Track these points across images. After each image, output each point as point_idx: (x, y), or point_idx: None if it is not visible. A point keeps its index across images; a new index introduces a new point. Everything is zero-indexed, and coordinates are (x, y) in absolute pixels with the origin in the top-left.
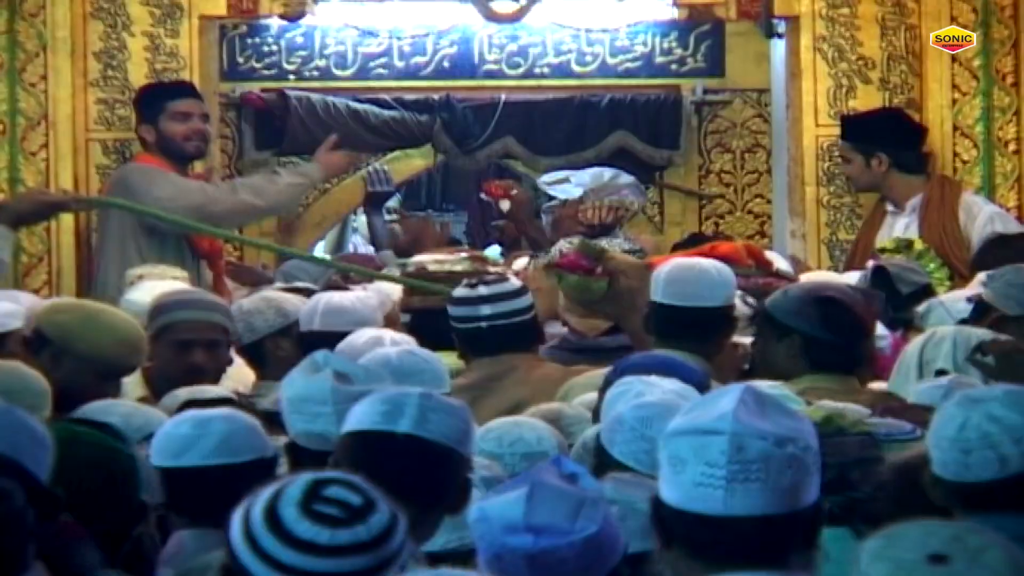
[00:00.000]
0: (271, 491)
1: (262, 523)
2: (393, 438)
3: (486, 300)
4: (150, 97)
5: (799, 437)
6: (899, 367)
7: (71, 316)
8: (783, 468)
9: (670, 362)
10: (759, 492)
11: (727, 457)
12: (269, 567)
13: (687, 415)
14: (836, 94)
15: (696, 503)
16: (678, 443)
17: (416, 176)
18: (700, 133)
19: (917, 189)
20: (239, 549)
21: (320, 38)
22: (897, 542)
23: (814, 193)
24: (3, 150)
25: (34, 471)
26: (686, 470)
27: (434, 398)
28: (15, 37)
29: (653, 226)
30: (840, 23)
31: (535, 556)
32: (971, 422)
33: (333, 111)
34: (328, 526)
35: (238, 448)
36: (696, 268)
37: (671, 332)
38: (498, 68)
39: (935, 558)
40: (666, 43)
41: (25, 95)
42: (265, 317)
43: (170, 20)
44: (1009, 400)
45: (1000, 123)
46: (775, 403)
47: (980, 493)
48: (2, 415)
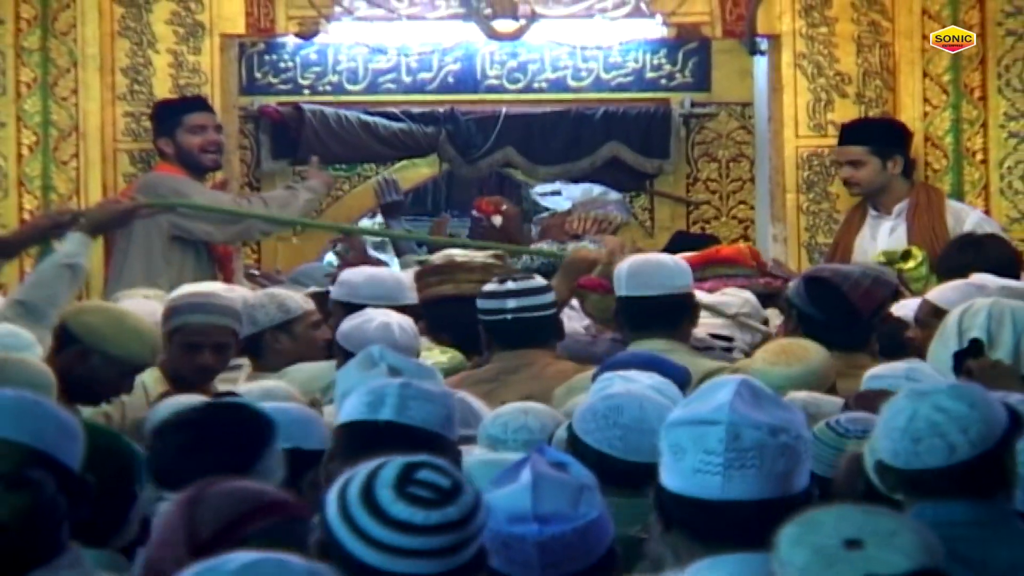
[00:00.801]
0: (365, 473)
1: (359, 503)
2: (375, 426)
3: (513, 294)
4: (167, 111)
5: (791, 427)
6: (939, 336)
7: (99, 318)
8: (776, 456)
9: (653, 359)
10: (754, 478)
11: (724, 445)
12: (365, 544)
13: (686, 407)
14: (815, 107)
15: (695, 488)
16: (678, 432)
17: (422, 184)
18: (688, 144)
19: (905, 194)
20: (335, 526)
21: (333, 55)
22: (814, 528)
23: (794, 200)
24: (37, 159)
25: (65, 460)
26: (685, 458)
27: (413, 387)
28: (48, 54)
29: (644, 230)
30: (819, 41)
31: (544, 543)
32: (920, 413)
33: (345, 123)
34: (422, 507)
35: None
36: (654, 260)
37: (641, 323)
38: (499, 83)
39: (850, 543)
40: (656, 60)
41: (57, 108)
42: (267, 311)
43: (192, 38)
44: (954, 393)
45: (968, 134)
46: (769, 395)
47: (929, 480)
48: (31, 407)
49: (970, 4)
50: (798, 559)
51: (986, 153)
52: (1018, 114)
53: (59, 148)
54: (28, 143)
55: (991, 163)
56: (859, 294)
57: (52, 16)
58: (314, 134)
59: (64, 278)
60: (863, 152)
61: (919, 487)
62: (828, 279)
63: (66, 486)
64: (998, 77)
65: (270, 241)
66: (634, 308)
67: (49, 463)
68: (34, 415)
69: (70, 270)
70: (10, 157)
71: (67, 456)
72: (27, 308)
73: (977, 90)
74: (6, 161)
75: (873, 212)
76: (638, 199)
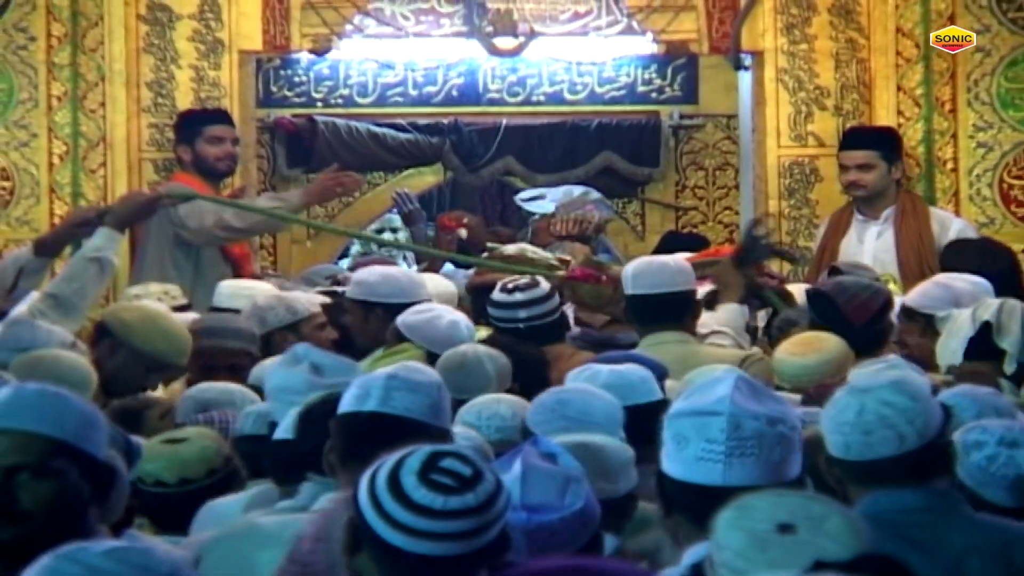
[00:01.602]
0: (394, 460)
1: (386, 488)
2: (362, 417)
3: (522, 305)
4: (190, 121)
5: (787, 418)
6: (949, 331)
7: (134, 315)
8: (774, 445)
9: (637, 358)
10: (753, 465)
11: (726, 435)
12: (390, 526)
13: (686, 400)
14: (796, 119)
15: (698, 475)
16: (681, 423)
17: (428, 191)
18: (676, 153)
19: (893, 200)
20: (365, 509)
21: (344, 70)
22: (749, 513)
23: (776, 206)
24: (67, 168)
25: (87, 449)
26: (688, 447)
27: (399, 378)
28: (77, 69)
29: (636, 234)
30: (799, 57)
31: (531, 531)
32: (868, 407)
33: (355, 134)
34: (442, 493)
35: None
36: (657, 262)
37: (649, 318)
38: (500, 96)
39: (783, 527)
40: (647, 74)
41: (86, 120)
42: (276, 312)
43: (212, 54)
44: (895, 388)
45: (939, 145)
46: (763, 389)
47: (881, 469)
48: (53, 400)
49: (941, 22)
50: (734, 542)
51: (956, 162)
52: (986, 125)
53: (88, 157)
54: (59, 153)
55: (961, 171)
56: (854, 306)
57: (81, 34)
58: (326, 144)
59: (92, 272)
60: (874, 156)
61: (872, 477)
62: (824, 292)
63: (90, 473)
64: (967, 91)
65: (285, 244)
66: (642, 305)
67: (72, 453)
68: (55, 408)
69: (98, 264)
70: (42, 166)
71: (90, 445)
72: (58, 301)
73: (948, 103)
74: (38, 169)
75: (859, 216)
76: (630, 205)
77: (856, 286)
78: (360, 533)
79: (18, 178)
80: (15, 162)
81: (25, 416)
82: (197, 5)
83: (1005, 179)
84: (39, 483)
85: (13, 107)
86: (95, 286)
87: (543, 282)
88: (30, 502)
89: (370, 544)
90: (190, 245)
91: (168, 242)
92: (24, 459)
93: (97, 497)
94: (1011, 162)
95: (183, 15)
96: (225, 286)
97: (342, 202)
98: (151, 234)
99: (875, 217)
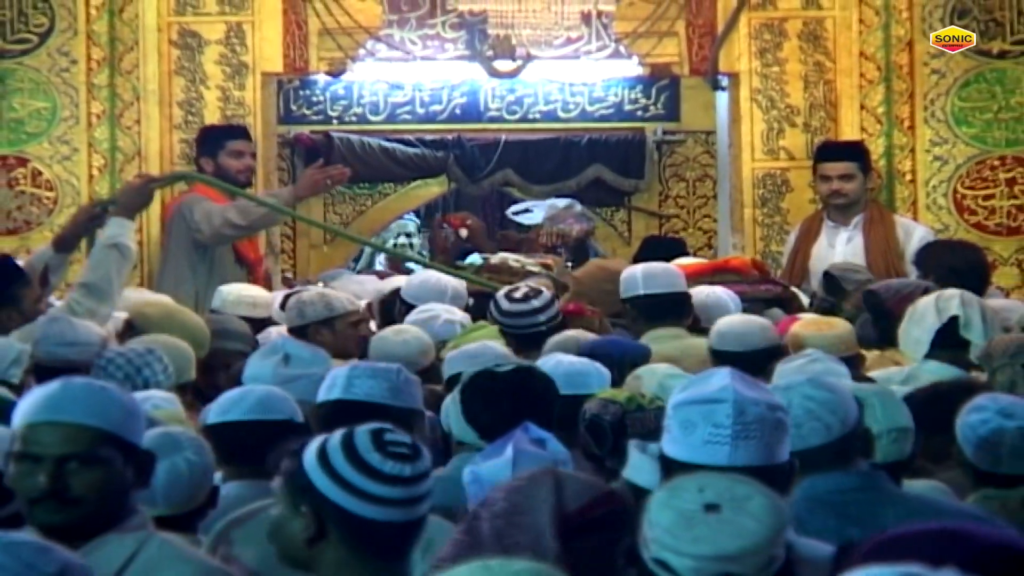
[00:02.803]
0: (339, 445)
1: (351, 468)
2: (328, 405)
3: (540, 311)
4: (213, 135)
5: (781, 405)
6: (911, 318)
7: (155, 310)
8: (773, 428)
9: (622, 342)
10: (756, 447)
11: (731, 419)
12: (366, 502)
13: (687, 390)
14: (768, 135)
15: (705, 457)
16: (688, 410)
17: (433, 200)
18: (660, 166)
19: (862, 209)
20: (331, 492)
21: (357, 90)
22: (678, 493)
23: (751, 214)
24: (105, 180)
25: (130, 438)
26: (696, 431)
27: (360, 367)
28: (114, 89)
29: (623, 240)
30: (771, 79)
31: None
32: (794, 402)
33: (367, 148)
34: (403, 462)
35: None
36: (659, 266)
37: (655, 315)
38: (499, 114)
39: (709, 507)
40: (633, 94)
41: (122, 135)
42: (314, 307)
43: (238, 76)
44: (813, 384)
45: (899, 158)
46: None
47: (812, 457)
48: (99, 394)
49: (900, 48)
50: (663, 520)
51: (914, 174)
52: (941, 141)
53: (124, 170)
54: (98, 166)
55: (919, 183)
56: (895, 301)
57: (118, 57)
58: (341, 158)
59: (112, 257)
60: (853, 167)
61: (805, 464)
62: (874, 291)
63: (132, 460)
64: (924, 109)
65: (303, 248)
66: (648, 304)
67: (117, 442)
68: (101, 401)
69: (116, 250)
70: (82, 178)
71: (132, 434)
72: (89, 289)
73: (907, 120)
74: (79, 181)
75: (830, 223)
76: (617, 213)
77: (901, 285)
78: (326, 518)
79: (61, 189)
80: (58, 174)
81: (74, 409)
82: (224, 31)
83: (959, 189)
84: (87, 471)
85: (56, 124)
86: (119, 270)
87: (544, 289)
88: (80, 488)
89: (341, 525)
90: (205, 248)
91: (187, 246)
92: (74, 449)
93: (138, 481)
94: (964, 174)
95: (211, 40)
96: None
97: (356, 209)
98: (172, 240)
99: (845, 223)
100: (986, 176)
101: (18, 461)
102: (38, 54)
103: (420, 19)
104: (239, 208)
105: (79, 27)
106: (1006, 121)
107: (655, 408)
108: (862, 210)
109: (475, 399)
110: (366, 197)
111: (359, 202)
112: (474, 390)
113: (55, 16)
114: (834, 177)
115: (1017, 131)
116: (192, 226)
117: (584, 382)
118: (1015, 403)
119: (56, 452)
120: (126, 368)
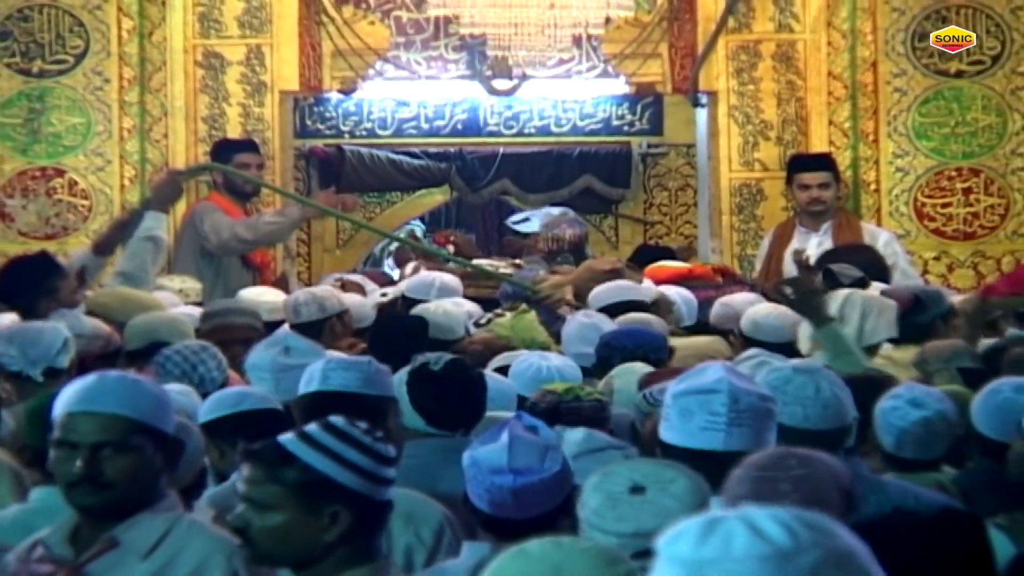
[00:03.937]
0: (339, 440)
1: (364, 457)
2: (307, 397)
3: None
4: (223, 150)
5: (770, 396)
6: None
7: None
8: (763, 416)
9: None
10: (748, 434)
11: (727, 408)
12: (383, 486)
13: (684, 382)
14: (744, 148)
15: (701, 442)
16: (687, 400)
17: (437, 208)
18: (645, 176)
19: (831, 215)
20: (356, 485)
21: (367, 107)
22: (609, 477)
23: (728, 220)
24: (136, 189)
25: (160, 427)
26: (693, 419)
27: (335, 361)
28: (144, 106)
29: (610, 244)
30: (747, 96)
31: (517, 490)
32: (822, 386)
33: (376, 160)
34: (389, 443)
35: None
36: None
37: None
38: (497, 129)
39: (635, 488)
40: (620, 111)
41: (151, 148)
42: (331, 303)
43: (257, 94)
44: (830, 372)
45: (864, 169)
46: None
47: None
48: (132, 385)
49: (865, 68)
50: (592, 502)
51: (878, 184)
52: (903, 153)
53: (153, 180)
54: (129, 176)
55: (882, 192)
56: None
57: (148, 77)
58: (352, 169)
59: (148, 248)
60: (829, 177)
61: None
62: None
63: (162, 447)
64: (887, 124)
65: (318, 252)
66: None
67: (147, 430)
68: (135, 393)
69: (152, 242)
70: (115, 187)
71: (162, 423)
72: (126, 276)
73: (871, 135)
74: (112, 190)
75: (801, 228)
76: (606, 220)
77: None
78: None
79: (95, 197)
80: (92, 184)
81: (108, 400)
82: (244, 53)
83: (919, 198)
84: (120, 457)
85: (91, 138)
86: (153, 259)
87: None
88: (113, 473)
89: (363, 515)
90: (212, 255)
91: (195, 251)
92: (108, 437)
93: (167, 467)
94: (924, 184)
95: (233, 61)
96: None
97: (366, 216)
98: (183, 241)
99: (816, 229)
100: (944, 186)
101: (57, 447)
102: (74, 74)
103: (425, 41)
104: (247, 224)
105: (112, 49)
106: (963, 135)
107: (592, 400)
108: (831, 217)
109: (420, 391)
110: (375, 205)
111: (369, 209)
112: (417, 382)
113: (90, 39)
114: (813, 186)
115: (972, 144)
116: (201, 235)
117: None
118: (928, 393)
119: (91, 440)
120: (183, 365)
